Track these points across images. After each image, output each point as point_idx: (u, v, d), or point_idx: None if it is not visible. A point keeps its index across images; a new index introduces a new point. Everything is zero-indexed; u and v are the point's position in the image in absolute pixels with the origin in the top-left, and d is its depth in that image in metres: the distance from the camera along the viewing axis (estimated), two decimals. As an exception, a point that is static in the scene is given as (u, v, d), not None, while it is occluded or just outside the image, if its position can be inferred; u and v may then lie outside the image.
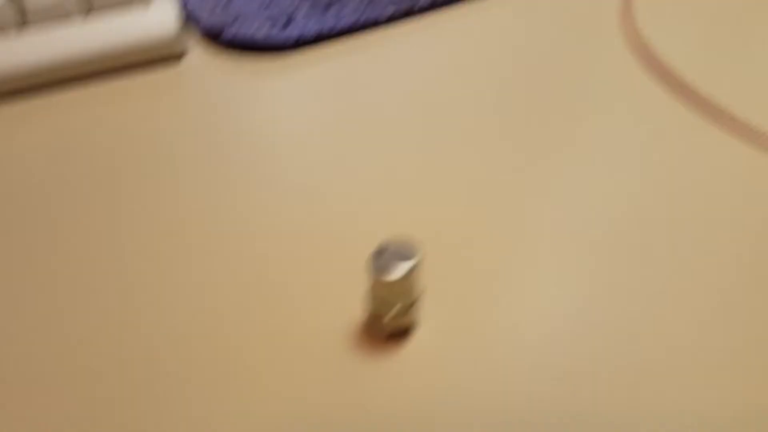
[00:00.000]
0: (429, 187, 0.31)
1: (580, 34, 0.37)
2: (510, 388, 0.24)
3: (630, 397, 0.24)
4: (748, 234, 0.29)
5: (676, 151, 0.32)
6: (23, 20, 0.34)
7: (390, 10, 0.37)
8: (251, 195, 0.30)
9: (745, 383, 0.24)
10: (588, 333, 0.26)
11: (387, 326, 0.25)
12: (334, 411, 0.24)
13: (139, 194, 0.30)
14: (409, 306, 0.25)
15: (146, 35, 0.35)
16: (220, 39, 0.37)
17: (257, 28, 0.36)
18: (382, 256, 0.23)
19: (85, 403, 0.24)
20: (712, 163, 0.31)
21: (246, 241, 0.29)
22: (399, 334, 0.26)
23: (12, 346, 0.25)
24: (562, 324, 0.26)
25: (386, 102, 0.34)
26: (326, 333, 0.26)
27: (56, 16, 0.34)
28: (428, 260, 0.28)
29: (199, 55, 0.37)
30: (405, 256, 0.24)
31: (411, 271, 0.23)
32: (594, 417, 0.23)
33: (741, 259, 0.28)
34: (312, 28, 0.36)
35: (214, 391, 0.24)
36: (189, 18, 0.37)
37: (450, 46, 0.37)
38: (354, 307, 0.26)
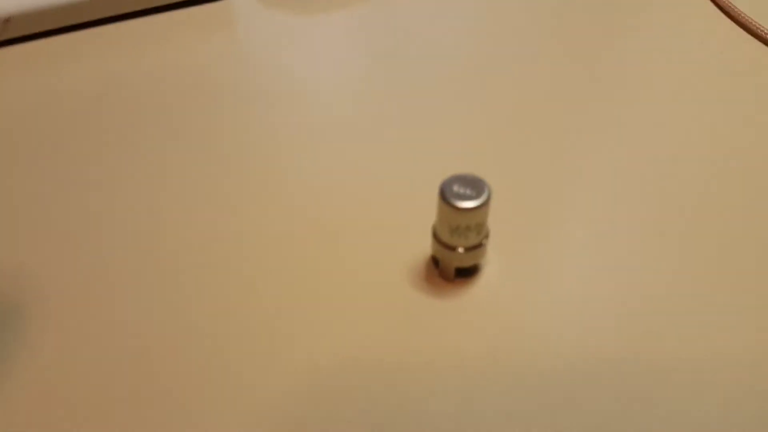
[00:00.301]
0: (492, 129, 0.29)
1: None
2: (572, 334, 0.23)
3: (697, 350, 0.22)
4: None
5: (741, 78, 0.30)
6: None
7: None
8: (307, 131, 0.29)
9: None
10: (652, 282, 0.24)
11: (454, 264, 0.23)
12: (398, 347, 0.22)
13: (189, 127, 0.29)
14: (476, 245, 0.23)
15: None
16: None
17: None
18: (453, 187, 0.22)
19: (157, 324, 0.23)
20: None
21: (307, 179, 0.27)
22: (465, 274, 0.24)
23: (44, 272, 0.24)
24: (626, 273, 0.24)
25: (441, 38, 0.33)
26: (392, 272, 0.24)
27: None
28: (494, 203, 0.26)
29: (247, -6, 0.35)
30: (474, 190, 0.22)
31: (481, 205, 0.22)
32: (652, 370, 0.22)
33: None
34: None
35: (280, 326, 0.23)
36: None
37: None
38: (420, 247, 0.25)
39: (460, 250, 0.23)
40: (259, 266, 0.24)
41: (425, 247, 0.25)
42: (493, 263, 0.24)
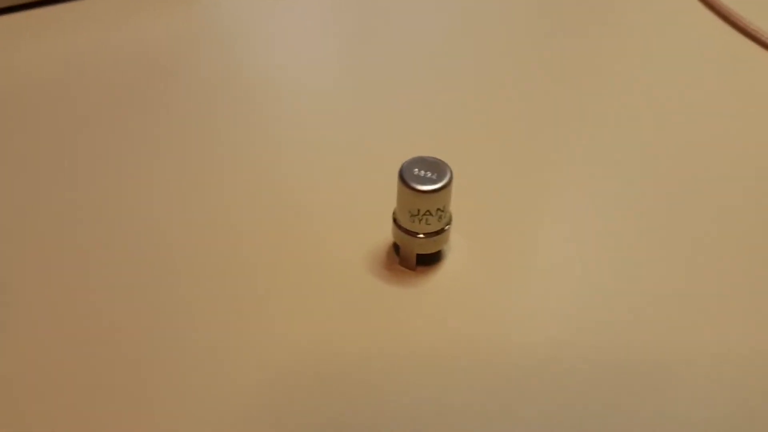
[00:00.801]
0: (457, 114, 0.28)
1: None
2: (540, 323, 0.22)
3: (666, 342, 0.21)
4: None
5: (721, 67, 0.29)
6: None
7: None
8: (265, 113, 0.28)
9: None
10: (625, 270, 0.23)
11: (415, 250, 0.22)
12: (358, 338, 0.21)
13: (145, 106, 0.28)
14: (438, 231, 0.22)
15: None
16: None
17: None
18: (414, 169, 0.21)
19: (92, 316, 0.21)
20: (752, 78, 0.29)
21: (264, 161, 0.26)
22: (427, 261, 0.23)
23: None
24: (597, 261, 0.23)
25: (407, 22, 0.32)
26: (351, 260, 0.23)
27: None
28: (458, 188, 0.25)
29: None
30: (436, 173, 0.21)
31: (442, 188, 0.21)
32: (609, 370, 0.21)
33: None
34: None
35: (241, 314, 0.22)
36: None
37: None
38: (381, 234, 0.24)
39: (421, 236, 0.22)
40: (215, 254, 0.23)
41: (386, 233, 0.24)
42: (456, 250, 0.23)
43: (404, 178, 0.21)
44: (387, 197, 0.24)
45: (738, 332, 0.21)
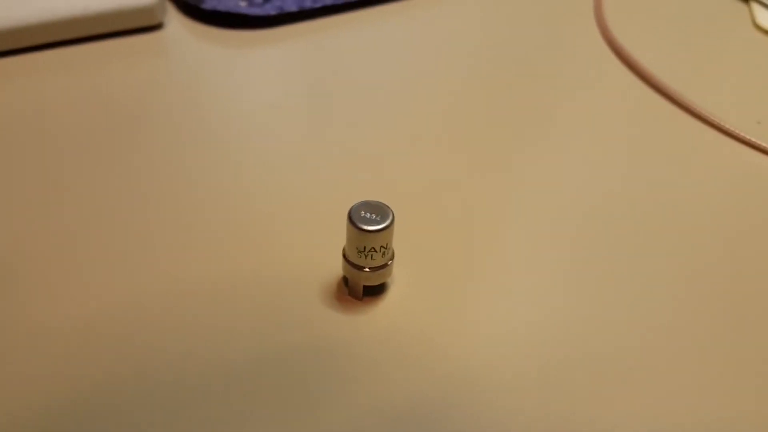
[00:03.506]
0: (403, 161, 0.31)
1: (555, 22, 0.39)
2: (467, 348, 0.25)
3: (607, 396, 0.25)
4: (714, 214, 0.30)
5: (646, 131, 0.33)
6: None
7: (369, -10, 0.38)
8: (229, 161, 0.31)
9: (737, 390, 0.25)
10: (552, 303, 0.26)
11: (362, 282, 0.25)
12: (310, 355, 0.24)
13: (114, 158, 0.30)
14: (382, 265, 0.25)
15: (125, 2, 0.35)
16: (199, 11, 0.37)
17: (237, 1, 0.37)
18: (360, 212, 0.24)
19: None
20: (673, 140, 0.32)
21: (231, 205, 0.29)
22: (372, 293, 0.26)
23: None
24: (520, 295, 0.27)
25: (362, 79, 0.35)
26: (307, 290, 0.26)
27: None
28: (399, 229, 0.28)
29: (178, 27, 0.37)
30: (380, 215, 0.24)
31: (385, 228, 0.24)
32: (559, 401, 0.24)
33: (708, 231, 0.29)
34: (292, 4, 0.37)
35: (194, 338, 0.24)
36: (169, -11, 0.37)
37: (428, 29, 0.38)
38: (333, 268, 0.27)
39: (367, 269, 0.25)
40: (177, 287, 0.26)
41: (337, 268, 0.27)
42: (399, 282, 0.26)
43: (352, 220, 0.24)
44: (337, 236, 0.27)
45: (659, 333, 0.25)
